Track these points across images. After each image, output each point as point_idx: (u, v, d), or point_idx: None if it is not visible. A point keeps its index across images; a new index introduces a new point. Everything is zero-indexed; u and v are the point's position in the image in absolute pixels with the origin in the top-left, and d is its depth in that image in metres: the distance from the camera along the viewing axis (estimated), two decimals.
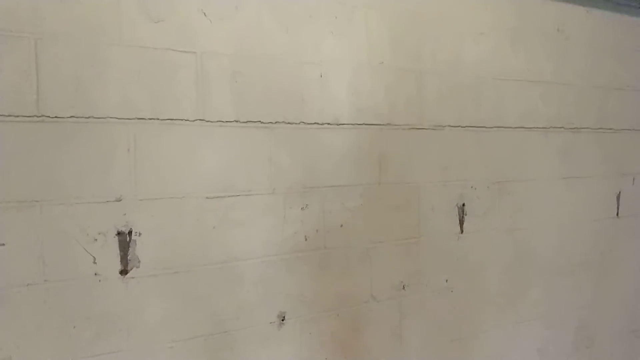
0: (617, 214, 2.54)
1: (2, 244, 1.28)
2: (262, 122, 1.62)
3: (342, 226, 1.78)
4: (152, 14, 1.45)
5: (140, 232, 1.44)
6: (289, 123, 1.67)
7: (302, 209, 1.70)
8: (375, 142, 1.84)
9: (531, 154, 2.24)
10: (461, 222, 2.05)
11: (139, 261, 1.44)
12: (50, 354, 1.34)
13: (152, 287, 1.46)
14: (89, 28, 1.37)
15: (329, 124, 1.75)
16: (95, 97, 1.38)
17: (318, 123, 1.73)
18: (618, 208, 2.54)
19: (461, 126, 2.04)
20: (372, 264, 1.85)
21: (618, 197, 2.54)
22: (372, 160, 1.84)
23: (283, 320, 1.68)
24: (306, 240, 1.71)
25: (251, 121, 1.61)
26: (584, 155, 2.40)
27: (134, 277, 1.44)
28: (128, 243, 1.43)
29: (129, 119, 1.43)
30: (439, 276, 2.01)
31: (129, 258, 1.43)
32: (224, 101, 1.56)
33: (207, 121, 1.54)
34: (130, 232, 1.43)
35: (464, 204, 2.05)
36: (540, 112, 2.25)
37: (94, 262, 1.39)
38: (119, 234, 1.42)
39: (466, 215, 2.06)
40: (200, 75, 1.52)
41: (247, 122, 1.60)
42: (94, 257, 1.38)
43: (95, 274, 1.39)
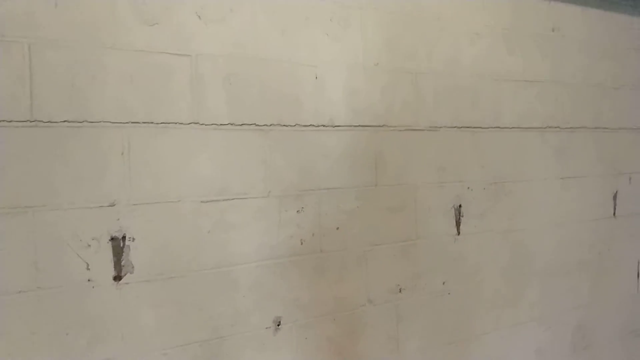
0: (614, 213, 2.54)
1: None
2: (257, 125, 1.61)
3: (338, 229, 1.77)
4: (147, 17, 1.44)
5: (134, 237, 1.43)
6: (284, 125, 1.66)
7: (298, 211, 1.69)
8: (371, 144, 1.83)
9: (528, 155, 2.24)
10: (458, 223, 2.04)
11: (133, 267, 1.43)
12: None
13: (147, 292, 1.45)
14: (83, 32, 1.36)
15: (324, 125, 1.74)
16: (89, 101, 1.37)
17: (314, 125, 1.72)
18: (615, 207, 2.54)
19: (457, 127, 2.03)
20: (368, 267, 1.84)
21: (615, 197, 2.53)
22: (368, 162, 1.83)
23: (279, 325, 1.67)
24: (302, 243, 1.70)
25: (246, 124, 1.60)
26: (580, 155, 2.40)
27: (128, 283, 1.42)
28: (122, 248, 1.41)
29: (123, 122, 1.41)
30: (436, 278, 2.00)
31: (122, 264, 1.41)
32: (219, 104, 1.55)
33: (201, 124, 1.53)
34: (124, 238, 1.41)
35: (460, 205, 2.05)
36: (536, 112, 2.25)
37: (88, 268, 1.37)
38: (112, 239, 1.40)
39: (463, 216, 2.05)
40: (195, 78, 1.51)
41: (242, 124, 1.59)
42: (87, 263, 1.37)
43: (89, 280, 1.38)
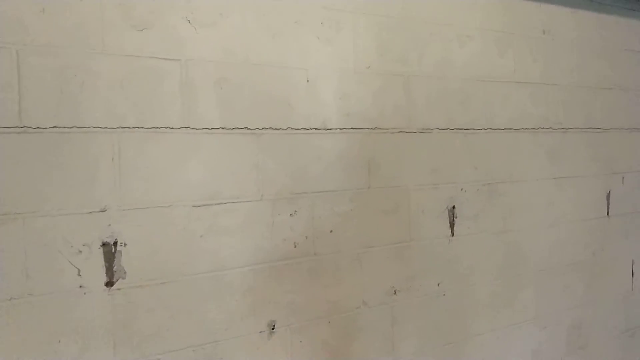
0: (607, 213, 2.54)
1: None
2: (248, 129, 1.61)
3: (331, 232, 1.77)
4: (136, 22, 1.44)
5: (126, 242, 1.42)
6: (276, 129, 1.66)
7: (291, 215, 1.69)
8: (363, 147, 1.83)
9: (521, 155, 2.24)
10: (452, 225, 2.04)
11: (125, 272, 1.42)
12: None
13: (139, 298, 1.44)
14: (71, 37, 1.35)
15: (316, 129, 1.74)
16: (79, 106, 1.36)
17: (306, 128, 1.72)
18: (608, 207, 2.55)
19: (450, 129, 2.03)
20: (362, 269, 1.83)
21: (608, 197, 2.54)
22: (361, 165, 1.83)
23: (273, 329, 1.66)
24: (295, 246, 1.70)
25: (238, 128, 1.59)
26: (573, 155, 2.41)
27: (120, 289, 1.41)
28: (113, 254, 1.40)
29: (113, 128, 1.41)
30: (431, 280, 2.00)
31: (114, 269, 1.41)
32: (210, 108, 1.55)
33: (192, 129, 1.52)
34: (115, 243, 1.41)
35: (454, 207, 2.05)
36: (528, 113, 2.26)
37: (79, 274, 1.36)
38: (103, 245, 1.39)
39: (457, 218, 2.05)
40: (185, 82, 1.51)
41: (233, 128, 1.59)
42: (78, 269, 1.36)
43: (80, 286, 1.37)
